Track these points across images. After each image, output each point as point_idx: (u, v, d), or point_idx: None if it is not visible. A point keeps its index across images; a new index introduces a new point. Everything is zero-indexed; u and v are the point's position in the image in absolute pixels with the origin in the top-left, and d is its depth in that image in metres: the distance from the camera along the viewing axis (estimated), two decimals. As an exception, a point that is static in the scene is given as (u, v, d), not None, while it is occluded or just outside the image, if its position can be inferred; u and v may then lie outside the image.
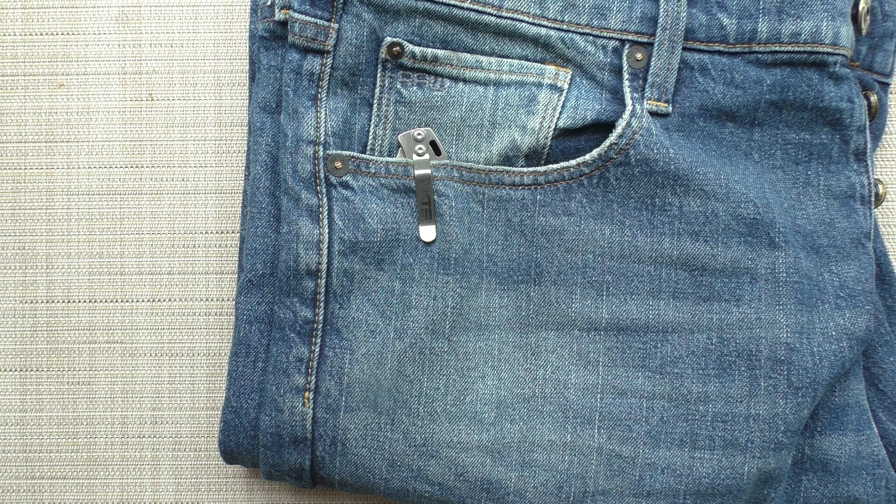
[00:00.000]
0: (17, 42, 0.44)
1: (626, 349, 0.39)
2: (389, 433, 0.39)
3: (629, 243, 0.38)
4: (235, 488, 0.44)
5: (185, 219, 0.44)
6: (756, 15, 0.37)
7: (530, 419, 0.39)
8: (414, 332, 0.39)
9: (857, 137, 0.38)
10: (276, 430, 0.39)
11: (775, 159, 0.39)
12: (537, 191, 0.38)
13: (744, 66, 0.38)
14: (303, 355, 0.39)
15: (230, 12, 0.44)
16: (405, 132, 0.39)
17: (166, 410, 0.44)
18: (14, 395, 0.44)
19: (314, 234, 0.38)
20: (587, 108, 0.38)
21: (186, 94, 0.44)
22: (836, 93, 0.38)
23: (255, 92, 0.40)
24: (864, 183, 0.39)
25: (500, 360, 0.39)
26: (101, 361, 0.44)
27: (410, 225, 0.38)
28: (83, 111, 0.44)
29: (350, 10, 0.37)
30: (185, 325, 0.44)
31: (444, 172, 0.38)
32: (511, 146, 0.38)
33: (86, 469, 0.44)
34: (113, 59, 0.44)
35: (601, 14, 0.38)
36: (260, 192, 0.39)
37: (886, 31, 0.40)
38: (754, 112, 0.38)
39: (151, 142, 0.44)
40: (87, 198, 0.44)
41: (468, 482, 0.39)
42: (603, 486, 0.39)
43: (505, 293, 0.39)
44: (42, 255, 0.44)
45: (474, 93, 0.38)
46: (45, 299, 0.44)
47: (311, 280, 0.38)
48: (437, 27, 0.38)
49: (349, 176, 0.38)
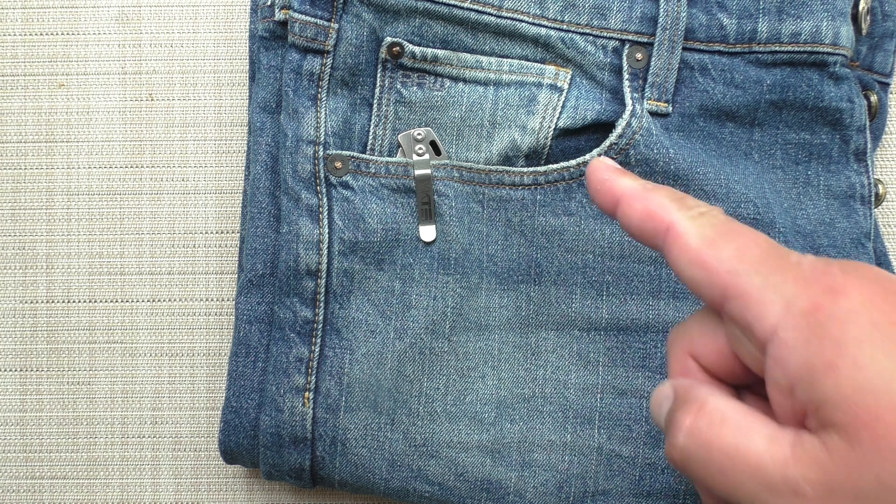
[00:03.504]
0: (17, 42, 0.44)
1: (626, 349, 0.39)
2: (389, 433, 0.39)
3: (629, 243, 0.38)
4: (235, 488, 0.44)
5: (185, 219, 0.44)
6: (756, 15, 0.37)
7: (530, 419, 0.39)
8: (414, 332, 0.39)
9: (857, 137, 0.38)
10: (276, 430, 0.39)
11: (775, 159, 0.39)
12: (537, 191, 0.38)
13: (744, 66, 0.38)
14: (303, 355, 0.39)
15: (230, 12, 0.44)
16: (405, 132, 0.39)
17: (166, 410, 0.44)
18: (14, 395, 0.44)
19: (314, 234, 0.38)
20: (587, 108, 0.38)
21: (186, 94, 0.44)
22: (836, 93, 0.38)
23: (255, 92, 0.40)
24: (864, 183, 0.39)
25: (500, 360, 0.39)
26: (101, 361, 0.44)
27: (410, 225, 0.38)
28: (83, 111, 0.44)
29: (350, 10, 0.37)
30: (185, 325, 0.44)
31: (444, 172, 0.38)
32: (511, 146, 0.38)
33: (86, 469, 0.44)
34: (113, 59, 0.44)
35: (601, 14, 0.38)
36: (260, 192, 0.39)
37: (886, 31, 0.40)
38: (754, 112, 0.38)
39: (151, 142, 0.44)
40: (87, 198, 0.44)
41: (468, 482, 0.39)
42: (603, 486, 0.39)
43: (505, 293, 0.39)
44: (42, 255, 0.44)
45: (474, 93, 0.38)
46: (45, 299, 0.44)
47: (311, 280, 0.38)
48: (437, 27, 0.38)
49: (349, 176, 0.38)
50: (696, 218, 0.25)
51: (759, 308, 0.23)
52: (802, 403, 0.23)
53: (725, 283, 0.24)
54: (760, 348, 0.24)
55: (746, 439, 0.23)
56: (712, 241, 0.25)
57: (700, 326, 0.26)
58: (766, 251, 0.24)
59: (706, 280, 0.24)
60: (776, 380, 0.23)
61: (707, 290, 0.25)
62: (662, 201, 0.26)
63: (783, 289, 0.23)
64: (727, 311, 0.25)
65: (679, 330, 0.27)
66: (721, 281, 0.24)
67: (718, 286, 0.24)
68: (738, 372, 0.26)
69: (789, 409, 0.23)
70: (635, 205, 0.26)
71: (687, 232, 0.25)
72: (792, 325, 0.23)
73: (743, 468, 0.23)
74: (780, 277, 0.24)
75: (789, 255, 0.24)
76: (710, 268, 0.24)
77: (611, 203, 0.27)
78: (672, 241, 0.25)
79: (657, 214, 0.26)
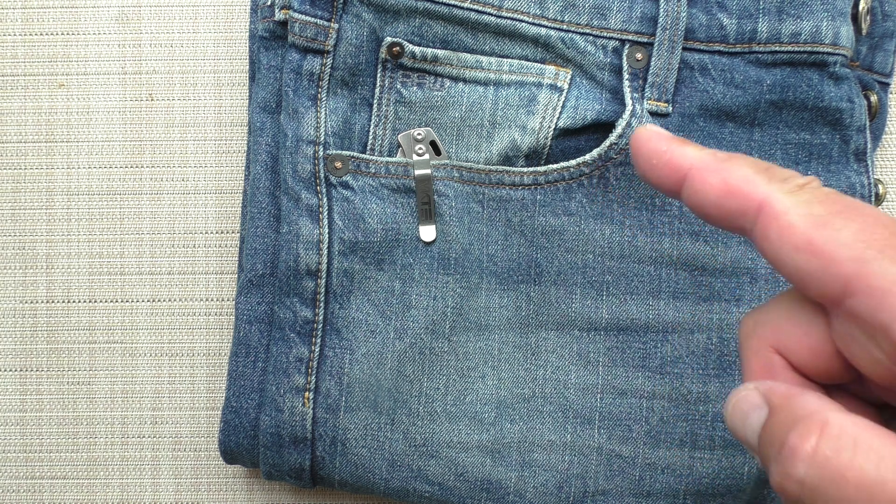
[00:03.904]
0: (17, 42, 0.44)
1: (626, 349, 0.39)
2: (389, 433, 0.39)
3: (629, 243, 0.38)
4: (235, 488, 0.44)
5: (185, 219, 0.44)
6: (756, 15, 0.37)
7: (530, 419, 0.39)
8: (414, 332, 0.39)
9: (857, 137, 0.38)
10: (276, 430, 0.39)
11: (775, 159, 0.39)
12: (537, 191, 0.38)
13: (744, 66, 0.38)
14: (303, 355, 0.39)
15: (230, 12, 0.44)
16: (405, 132, 0.39)
17: (166, 410, 0.44)
18: (14, 395, 0.44)
19: (314, 234, 0.38)
20: (587, 108, 0.38)
21: (186, 94, 0.44)
22: (836, 93, 0.38)
23: (255, 92, 0.40)
24: (864, 183, 0.39)
25: (500, 360, 0.39)
26: (101, 361, 0.44)
27: (410, 225, 0.38)
28: (83, 111, 0.44)
29: (350, 10, 0.37)
30: (185, 325, 0.44)
31: (444, 172, 0.38)
32: (511, 146, 0.38)
33: (86, 469, 0.44)
34: (113, 59, 0.44)
35: (601, 14, 0.38)
36: (260, 192, 0.39)
37: (886, 31, 0.40)
38: (754, 112, 0.38)
39: (151, 142, 0.44)
40: (87, 198, 0.44)
41: (468, 482, 0.39)
42: (603, 486, 0.39)
43: (505, 293, 0.39)
44: (42, 255, 0.44)
45: (474, 93, 0.38)
46: (45, 299, 0.44)
47: (311, 280, 0.38)
48: (437, 27, 0.38)
49: (349, 176, 0.38)
50: (795, 192, 0.20)
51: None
52: None
53: (848, 275, 0.19)
54: (893, 354, 0.20)
55: (890, 470, 0.19)
56: (825, 222, 0.20)
57: (788, 316, 0.22)
58: (894, 229, 0.20)
59: (820, 270, 0.20)
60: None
61: (820, 282, 0.20)
62: (747, 172, 0.21)
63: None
64: (849, 307, 0.20)
65: (757, 319, 0.22)
66: (843, 272, 0.20)
67: (839, 278, 0.20)
68: (837, 372, 0.22)
69: None
70: (710, 179, 0.21)
71: (788, 210, 0.20)
72: None
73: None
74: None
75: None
76: (827, 255, 0.20)
77: (674, 179, 0.22)
78: (768, 222, 0.20)
79: (742, 190, 0.21)
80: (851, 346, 0.21)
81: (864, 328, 0.20)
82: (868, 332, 0.20)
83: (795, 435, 0.20)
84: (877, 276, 0.19)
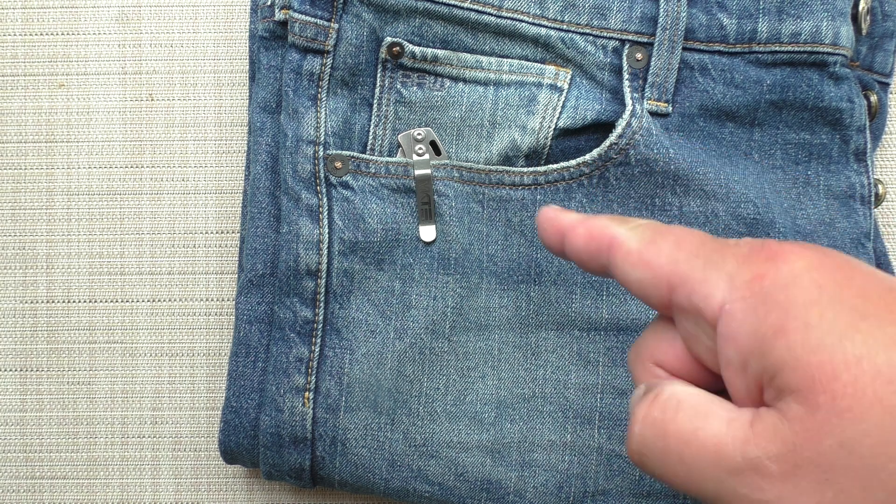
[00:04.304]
0: (17, 42, 0.44)
1: (625, 349, 0.39)
2: (389, 433, 0.39)
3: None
4: (235, 488, 0.44)
5: (185, 219, 0.44)
6: (756, 15, 0.37)
7: (530, 419, 0.39)
8: (414, 332, 0.39)
9: (857, 137, 0.38)
10: (276, 430, 0.39)
11: (775, 159, 0.39)
12: (537, 191, 0.38)
13: (744, 66, 0.38)
14: (303, 355, 0.39)
15: (230, 12, 0.44)
16: (405, 132, 0.39)
17: (166, 410, 0.44)
18: (14, 395, 0.44)
19: (314, 234, 0.38)
20: (587, 108, 0.38)
21: (186, 94, 0.44)
22: (836, 93, 0.38)
23: (255, 92, 0.40)
24: (864, 183, 0.39)
25: (500, 360, 0.39)
26: (101, 361, 0.44)
27: (410, 225, 0.38)
28: (83, 111, 0.44)
29: (350, 10, 0.37)
30: (185, 325, 0.44)
31: (444, 172, 0.38)
32: (511, 146, 0.38)
33: (86, 469, 0.44)
34: (113, 59, 0.44)
35: (601, 14, 0.38)
36: (260, 192, 0.39)
37: (886, 31, 0.40)
38: (754, 112, 0.38)
39: (151, 142, 0.44)
40: (87, 198, 0.44)
41: (468, 482, 0.39)
42: (603, 486, 0.39)
43: (505, 293, 0.39)
44: (42, 255, 0.44)
45: (474, 93, 0.38)
46: (45, 299, 0.44)
47: (311, 280, 0.38)
48: (437, 27, 0.38)
49: (349, 176, 0.38)
50: (634, 228, 0.26)
51: (705, 288, 0.23)
52: (757, 376, 0.22)
53: (668, 274, 0.24)
54: (712, 334, 0.23)
55: (703, 423, 0.23)
56: (651, 241, 0.25)
57: (656, 335, 0.26)
58: (703, 239, 0.24)
59: (650, 278, 0.24)
60: (729, 359, 0.23)
61: (654, 288, 0.25)
62: (603, 222, 0.26)
63: (725, 266, 0.23)
64: (676, 303, 0.24)
65: (637, 345, 0.27)
66: (664, 273, 0.24)
67: (663, 279, 0.24)
68: (702, 376, 0.25)
69: (744, 389, 0.23)
70: (578, 230, 0.27)
71: (628, 239, 0.25)
72: (737, 297, 0.22)
73: (701, 453, 0.22)
74: (719, 256, 0.24)
75: (727, 241, 0.24)
76: (652, 264, 0.24)
77: (558, 237, 0.27)
78: (615, 251, 0.25)
79: (599, 233, 0.26)
80: (692, 343, 0.25)
81: (690, 319, 0.24)
82: (693, 321, 0.24)
83: (637, 405, 0.24)
84: (687, 269, 0.24)
